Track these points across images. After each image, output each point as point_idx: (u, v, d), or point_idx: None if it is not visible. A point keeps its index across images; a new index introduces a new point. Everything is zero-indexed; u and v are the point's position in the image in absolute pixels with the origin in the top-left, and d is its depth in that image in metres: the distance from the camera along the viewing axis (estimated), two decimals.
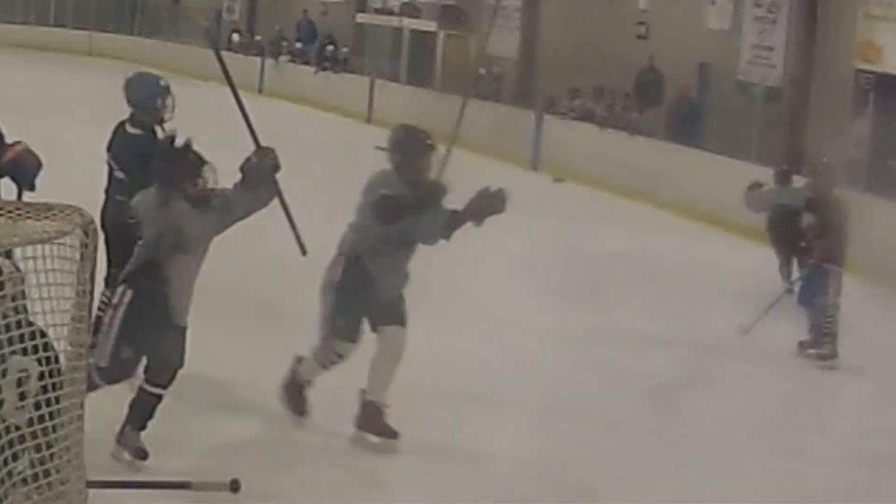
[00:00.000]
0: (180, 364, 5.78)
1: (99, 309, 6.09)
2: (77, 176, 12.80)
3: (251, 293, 9.34)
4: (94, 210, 4.41)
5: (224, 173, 6.44)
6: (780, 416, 7.69)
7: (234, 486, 5.27)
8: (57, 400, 4.11)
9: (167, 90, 7.11)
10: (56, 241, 4.12)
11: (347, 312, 6.42)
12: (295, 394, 6.63)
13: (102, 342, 5.62)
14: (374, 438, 6.33)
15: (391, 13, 25.74)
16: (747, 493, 6.34)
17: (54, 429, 4.10)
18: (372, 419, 6.38)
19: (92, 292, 4.31)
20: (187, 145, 5.77)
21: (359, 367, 6.55)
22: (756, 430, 7.30)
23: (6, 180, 5.73)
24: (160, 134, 6.77)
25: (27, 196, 5.68)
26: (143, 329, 5.57)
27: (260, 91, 27.16)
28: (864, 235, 9.81)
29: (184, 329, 5.81)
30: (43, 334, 4.11)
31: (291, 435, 6.40)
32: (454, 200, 9.40)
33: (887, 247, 11.41)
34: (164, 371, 5.77)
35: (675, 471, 6.47)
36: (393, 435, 6.32)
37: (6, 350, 3.97)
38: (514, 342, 8.74)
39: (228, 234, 6.40)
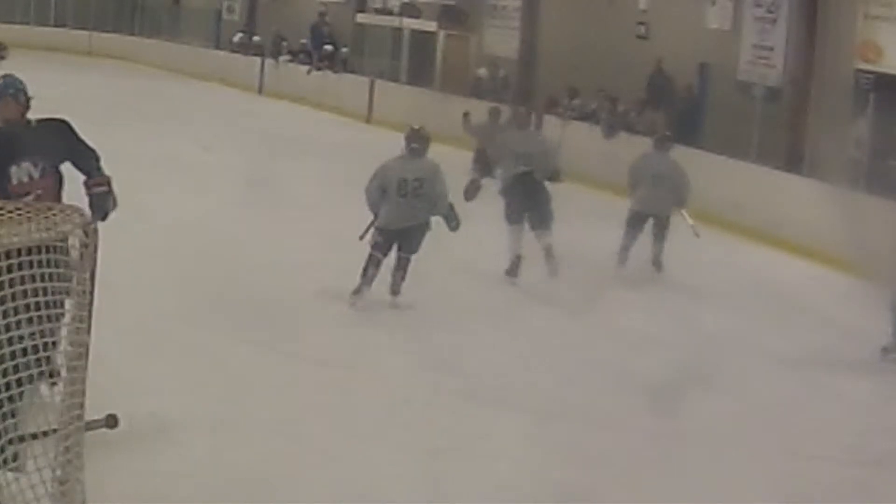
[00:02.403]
0: None
1: None
2: (77, 176, 12.81)
3: (251, 293, 9.33)
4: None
5: (224, 173, 6.44)
6: (780, 416, 7.68)
7: (112, 422, 5.12)
8: None
9: None
10: (56, 241, 4.12)
11: None
12: None
13: None
14: None
15: (391, 13, 25.73)
16: (747, 493, 6.33)
17: None
18: None
19: (92, 292, 4.32)
20: None
21: None
22: (756, 430, 7.29)
23: None
24: None
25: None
26: None
27: (260, 91, 27.17)
28: (864, 235, 9.81)
29: None
30: None
31: (287, 439, 6.38)
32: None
33: (887, 247, 11.40)
34: None
35: (675, 471, 6.47)
36: None
37: None
38: (514, 342, 8.74)
39: (229, 235, 6.39)
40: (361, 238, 9.58)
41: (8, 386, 4.08)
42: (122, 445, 5.81)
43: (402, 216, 9.46)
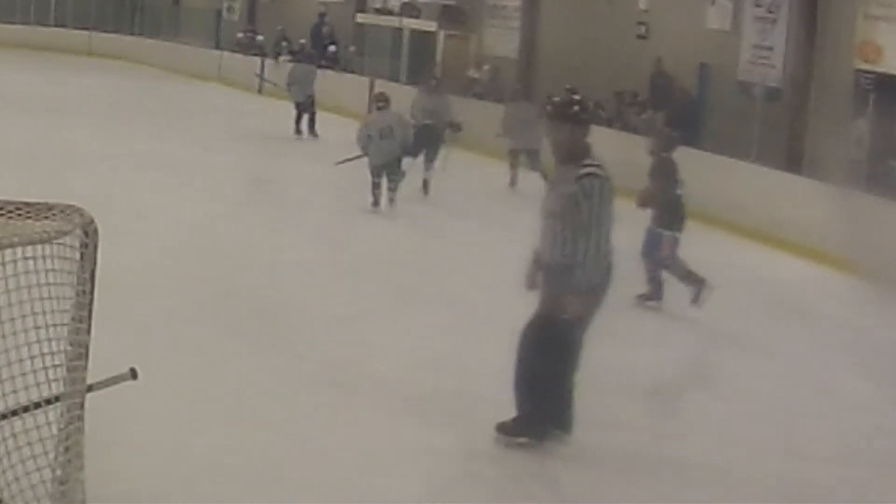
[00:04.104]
0: None
1: None
2: (77, 175, 12.85)
3: (251, 293, 9.34)
4: (94, 210, 4.40)
5: (224, 173, 6.44)
6: (780, 416, 7.68)
7: (134, 374, 5.04)
8: None
9: None
10: (56, 241, 4.12)
11: None
12: None
13: None
14: None
15: (391, 13, 25.75)
16: (747, 493, 6.33)
17: None
18: None
19: (92, 292, 4.31)
20: None
21: None
22: (756, 430, 7.29)
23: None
24: None
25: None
26: None
27: (260, 91, 27.16)
28: (864, 235, 9.82)
29: None
30: None
31: (289, 440, 6.38)
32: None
33: (887, 247, 11.41)
34: None
35: (675, 471, 6.47)
36: None
37: None
38: (515, 342, 8.73)
39: (228, 235, 6.39)
40: (338, 164, 14.02)
41: None
42: (122, 445, 5.80)
43: (385, 153, 13.26)
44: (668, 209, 10.42)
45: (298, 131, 20.49)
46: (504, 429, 6.43)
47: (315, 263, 10.45)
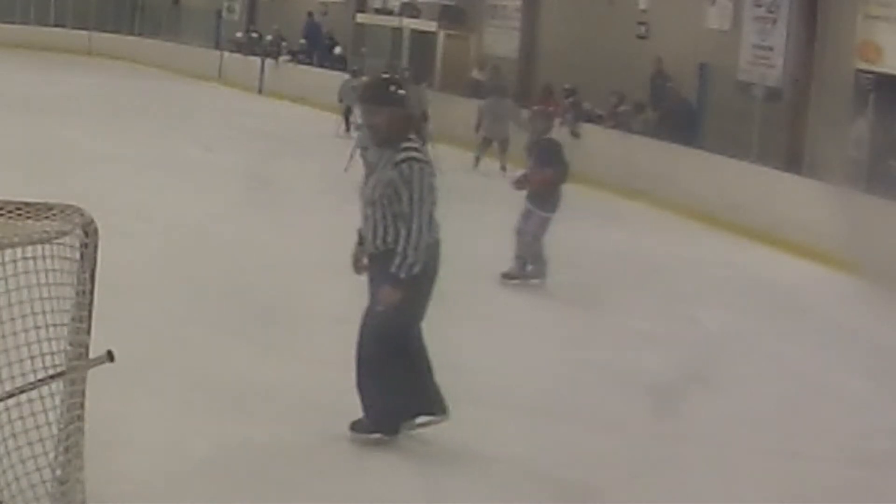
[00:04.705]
0: None
1: None
2: (77, 175, 12.85)
3: (252, 293, 9.34)
4: (94, 210, 4.40)
5: (224, 173, 6.44)
6: (780, 416, 7.68)
7: (110, 357, 4.98)
8: None
9: None
10: (56, 241, 4.12)
11: None
12: None
13: None
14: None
15: (391, 13, 25.75)
16: (747, 493, 6.33)
17: None
18: None
19: (92, 292, 4.31)
20: None
21: None
22: (756, 430, 7.29)
23: None
24: None
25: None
26: None
27: (260, 91, 27.18)
28: (864, 235, 9.82)
29: None
30: None
31: (287, 439, 6.38)
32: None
33: (887, 247, 11.41)
34: None
35: (675, 471, 6.47)
36: None
37: None
38: (514, 342, 8.74)
39: (229, 234, 6.39)
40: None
41: None
42: (122, 445, 5.80)
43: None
44: (549, 191, 10.62)
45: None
46: (356, 426, 6.25)
47: (315, 263, 10.45)
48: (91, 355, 4.42)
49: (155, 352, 7.39)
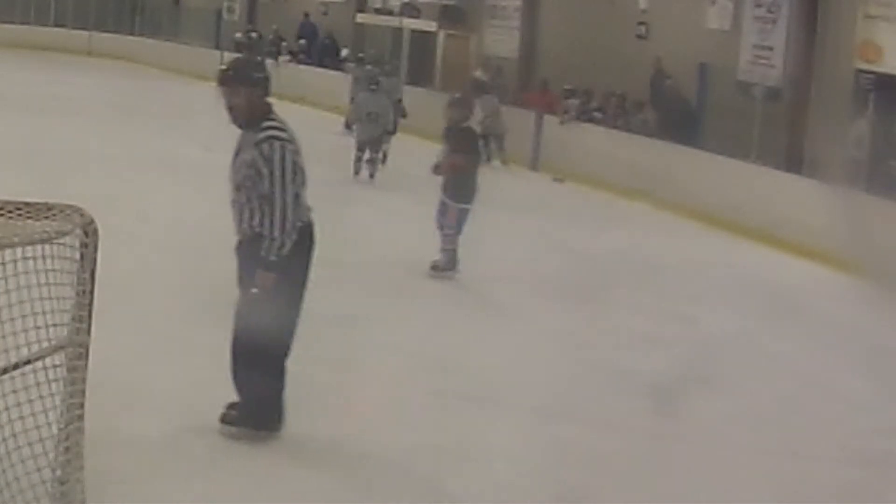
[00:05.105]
0: None
1: None
2: (77, 175, 12.85)
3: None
4: (94, 210, 4.40)
5: (224, 173, 6.44)
6: (780, 416, 7.68)
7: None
8: None
9: None
10: (56, 241, 4.12)
11: None
12: None
13: None
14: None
15: (391, 13, 25.73)
16: (747, 493, 6.33)
17: None
18: None
19: (92, 292, 4.32)
20: None
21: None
22: (756, 430, 7.29)
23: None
24: None
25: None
26: None
27: None
28: (864, 235, 9.81)
29: None
30: None
31: (283, 436, 6.38)
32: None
33: (887, 247, 11.40)
34: None
35: (675, 471, 6.46)
36: None
37: None
38: (514, 342, 8.74)
39: (229, 235, 6.39)
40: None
41: None
42: (122, 446, 5.80)
43: (370, 132, 16.22)
44: (462, 181, 10.57)
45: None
46: (225, 418, 6.09)
47: (315, 263, 10.44)
48: (91, 355, 4.43)
49: (154, 351, 7.39)
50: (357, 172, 16.10)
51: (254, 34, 29.73)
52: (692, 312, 10.08)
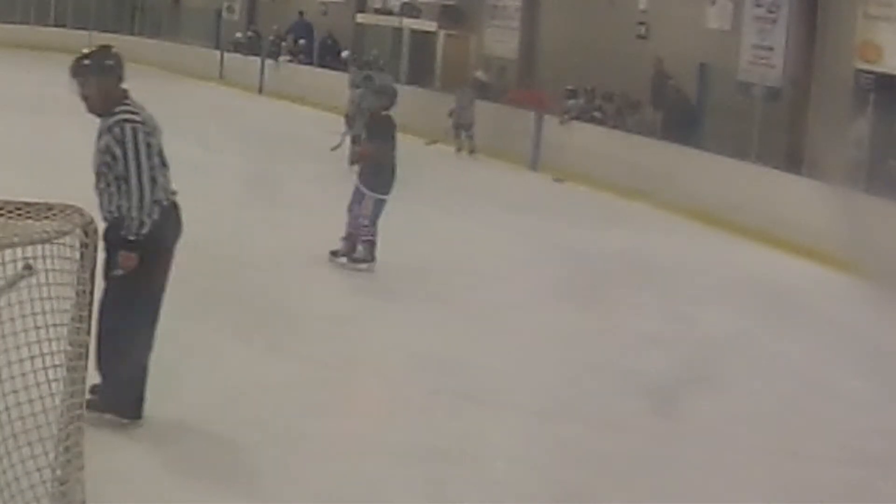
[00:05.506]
0: None
1: None
2: (77, 175, 12.81)
3: (251, 293, 9.34)
4: (94, 210, 4.40)
5: (223, 172, 6.43)
6: (780, 416, 7.68)
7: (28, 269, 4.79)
8: None
9: None
10: (56, 241, 4.12)
11: None
12: None
13: None
14: None
15: (391, 13, 25.72)
16: (747, 493, 6.33)
17: None
18: None
19: (92, 292, 4.32)
20: None
21: None
22: (756, 430, 7.29)
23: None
24: None
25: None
26: None
27: (260, 91, 27.16)
28: (864, 235, 9.81)
29: None
30: None
31: (283, 436, 6.38)
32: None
33: (887, 247, 11.40)
34: None
35: (675, 471, 6.47)
36: None
37: None
38: (514, 342, 8.74)
39: (229, 235, 6.39)
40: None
41: None
42: (122, 446, 5.80)
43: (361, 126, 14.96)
44: (379, 170, 10.55)
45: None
46: (91, 404, 5.73)
47: (314, 263, 10.45)
48: (91, 356, 4.43)
49: (154, 352, 7.38)
50: (352, 163, 16.43)
51: (254, 34, 29.73)
52: (692, 312, 10.07)
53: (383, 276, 10.44)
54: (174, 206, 6.26)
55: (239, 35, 30.04)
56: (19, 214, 4.06)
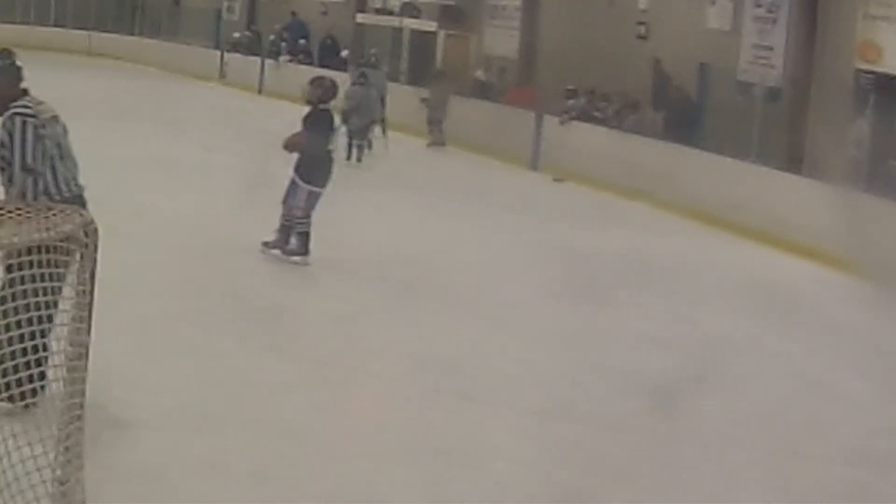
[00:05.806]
0: None
1: None
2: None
3: (251, 293, 9.34)
4: (94, 209, 4.40)
5: (224, 173, 6.44)
6: (781, 416, 7.68)
7: None
8: None
9: None
10: (56, 241, 4.12)
11: None
12: None
13: None
14: None
15: (391, 13, 25.72)
16: (747, 493, 6.34)
17: None
18: None
19: (92, 292, 4.32)
20: None
21: None
22: (756, 430, 7.29)
23: None
24: None
25: None
26: None
27: (260, 91, 27.15)
28: (864, 235, 9.81)
29: None
30: None
31: (282, 436, 6.38)
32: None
33: (887, 247, 11.41)
34: None
35: (675, 471, 6.47)
36: None
37: None
38: (514, 342, 8.74)
39: (228, 235, 6.40)
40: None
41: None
42: (122, 446, 5.80)
43: (357, 122, 17.73)
44: (314, 162, 10.55)
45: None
46: None
47: (314, 263, 10.45)
48: (91, 355, 4.43)
49: (154, 351, 7.39)
50: (349, 157, 17.46)
51: (254, 34, 29.74)
52: (692, 312, 10.08)
53: (383, 276, 10.43)
54: (78, 199, 6.32)
55: (238, 35, 30.04)
56: (19, 214, 4.06)
